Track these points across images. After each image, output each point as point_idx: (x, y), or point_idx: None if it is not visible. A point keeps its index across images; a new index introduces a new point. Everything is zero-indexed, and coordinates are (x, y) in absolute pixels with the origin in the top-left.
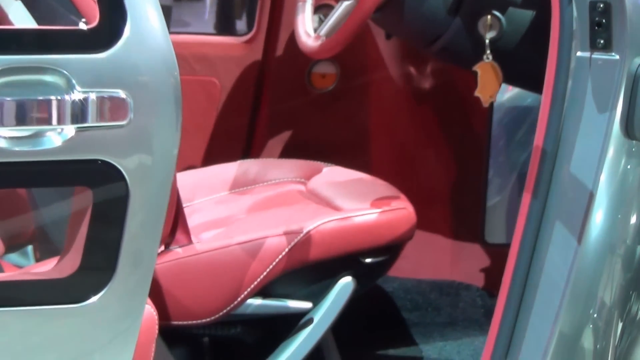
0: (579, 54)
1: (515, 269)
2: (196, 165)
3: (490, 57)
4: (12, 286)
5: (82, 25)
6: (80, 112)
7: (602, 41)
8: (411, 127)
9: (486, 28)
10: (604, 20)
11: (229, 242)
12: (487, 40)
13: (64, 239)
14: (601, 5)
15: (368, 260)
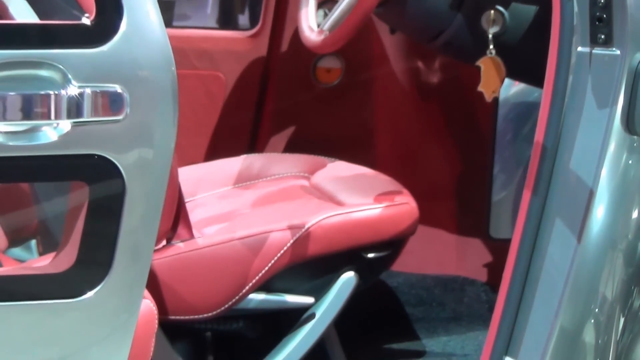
0: (579, 49)
1: (516, 264)
2: (201, 160)
3: (494, 52)
4: (8, 281)
5: (85, 20)
6: (76, 107)
7: (603, 36)
8: (416, 122)
9: (489, 23)
10: (605, 15)
11: (230, 237)
12: (491, 35)
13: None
14: (602, 1)
15: (370, 255)
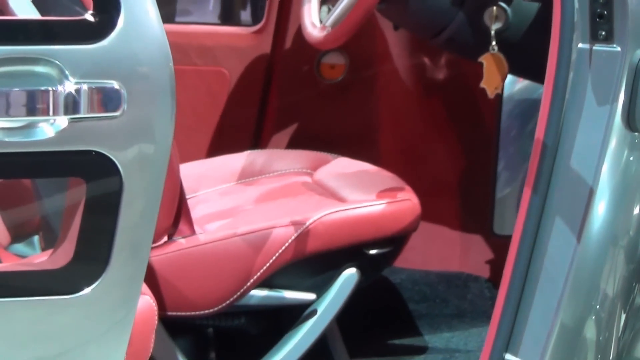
0: (580, 45)
1: (516, 261)
2: (205, 156)
3: (496, 49)
4: (6, 277)
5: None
6: (73, 103)
7: (604, 33)
8: (420, 118)
9: (492, 19)
10: (606, 12)
11: (232, 233)
12: (493, 32)
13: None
14: None
15: (372, 251)
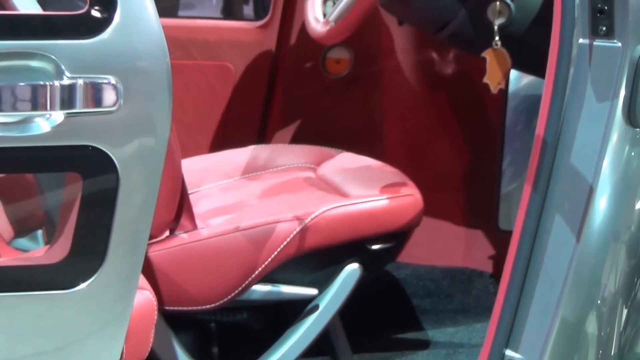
0: (580, 41)
1: (517, 257)
2: (210, 150)
3: (499, 44)
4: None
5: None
6: (69, 98)
7: (604, 28)
8: (425, 113)
9: (495, 14)
10: (606, 7)
11: (234, 228)
12: (496, 27)
13: None
14: None
15: (374, 246)
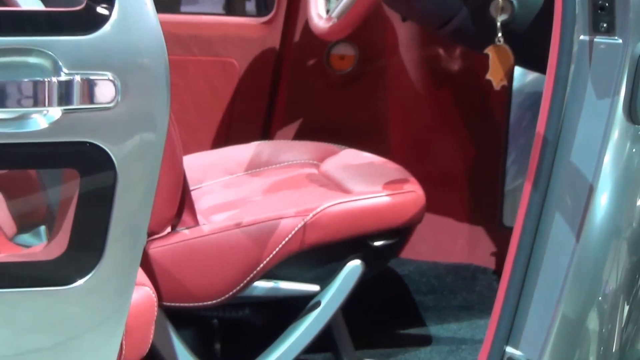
0: (581, 37)
1: (517, 253)
2: (213, 147)
3: (502, 40)
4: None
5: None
6: (66, 94)
7: (605, 25)
8: (429, 110)
9: (498, 10)
10: (607, 4)
11: (235, 224)
12: (499, 23)
13: None
14: None
15: (377, 243)
